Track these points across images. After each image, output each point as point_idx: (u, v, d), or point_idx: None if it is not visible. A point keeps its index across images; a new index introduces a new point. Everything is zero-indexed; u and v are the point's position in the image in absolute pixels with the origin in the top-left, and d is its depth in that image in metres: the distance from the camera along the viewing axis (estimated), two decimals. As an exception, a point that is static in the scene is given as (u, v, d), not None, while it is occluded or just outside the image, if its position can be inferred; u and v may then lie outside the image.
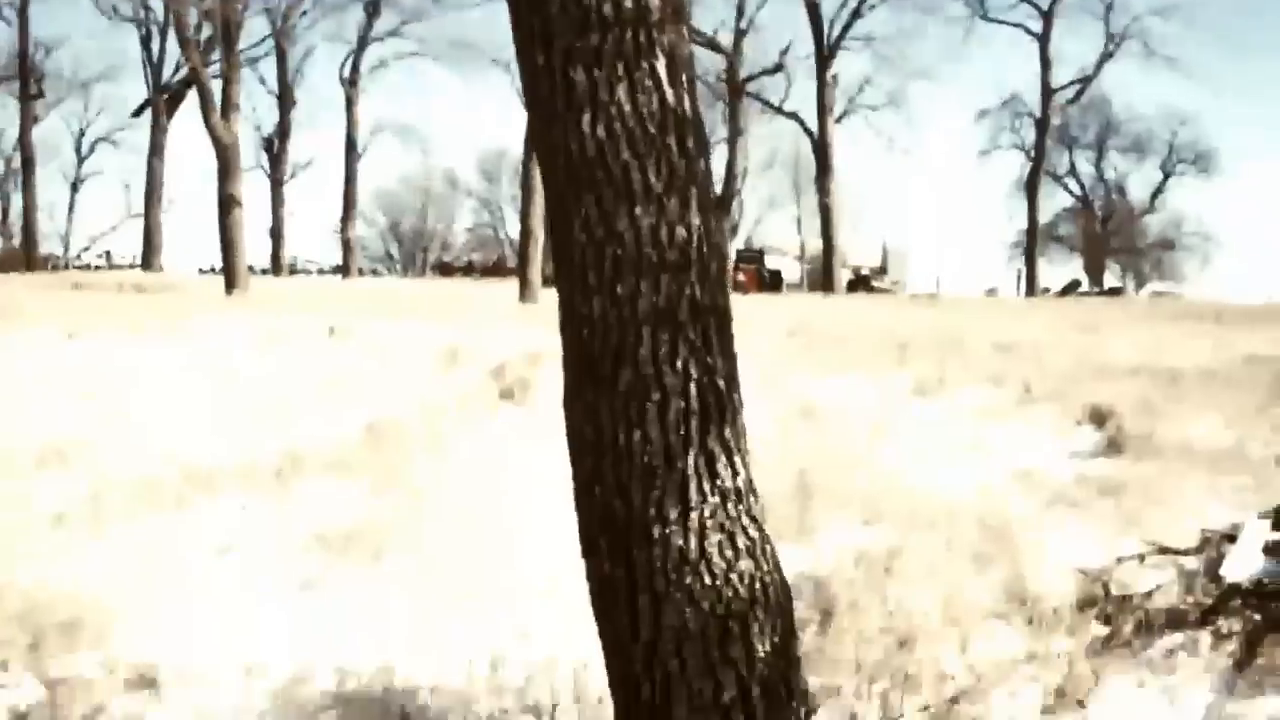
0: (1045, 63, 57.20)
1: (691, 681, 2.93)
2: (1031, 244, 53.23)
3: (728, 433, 2.99)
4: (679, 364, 2.92)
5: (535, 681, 6.45)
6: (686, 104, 3.12)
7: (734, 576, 2.93)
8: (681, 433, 2.91)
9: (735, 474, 2.99)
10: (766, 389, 13.19)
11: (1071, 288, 54.51)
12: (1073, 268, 66.47)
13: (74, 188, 65.47)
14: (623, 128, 2.99)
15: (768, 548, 3.04)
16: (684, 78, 3.13)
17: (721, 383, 2.99)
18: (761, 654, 2.97)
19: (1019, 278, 54.59)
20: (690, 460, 2.92)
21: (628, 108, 3.00)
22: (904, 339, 17.26)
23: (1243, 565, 7.42)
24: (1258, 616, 7.10)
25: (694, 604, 2.91)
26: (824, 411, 12.20)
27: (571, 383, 3.05)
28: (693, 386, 2.92)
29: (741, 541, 2.95)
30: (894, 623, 7.13)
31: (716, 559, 2.91)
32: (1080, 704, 6.38)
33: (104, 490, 9.00)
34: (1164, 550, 8.26)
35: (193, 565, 8.00)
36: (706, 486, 2.93)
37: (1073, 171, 67.91)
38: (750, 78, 57.93)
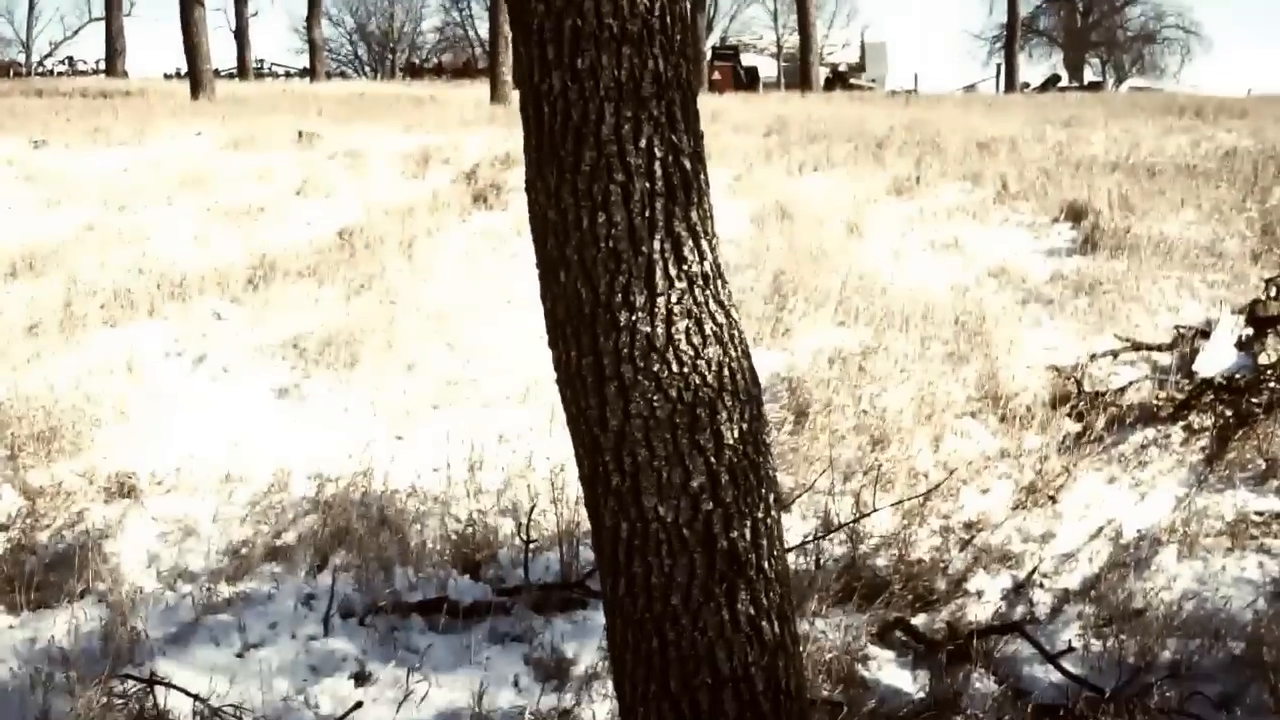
0: None
1: (660, 469, 2.92)
2: (1011, 38, 52.21)
3: (694, 215, 2.91)
4: (643, 142, 2.82)
5: (513, 484, 6.50)
6: None
7: (701, 363, 2.89)
8: (647, 215, 2.84)
9: (702, 258, 2.92)
10: (742, 189, 13.07)
11: (1051, 83, 53.80)
12: (1052, 63, 65.60)
13: (33, -9, 63.63)
14: None
15: (735, 334, 3.00)
16: None
17: (687, 162, 2.90)
18: (730, 440, 2.96)
19: (998, 73, 53.87)
20: (656, 244, 2.85)
21: None
22: (881, 137, 17.05)
23: (1216, 360, 7.46)
24: (1229, 411, 7.17)
25: (661, 391, 2.89)
26: (800, 212, 12.09)
27: (533, 165, 2.96)
28: (657, 166, 2.84)
29: (709, 327, 2.91)
30: (867, 421, 7.18)
31: (684, 345, 2.87)
32: (1052, 499, 6.47)
33: (77, 299, 8.92)
34: (1137, 346, 8.30)
35: (168, 374, 7.98)
36: (673, 271, 2.86)
37: (1056, -38, 66.54)
38: None
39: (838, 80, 48.55)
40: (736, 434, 2.96)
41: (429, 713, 4.57)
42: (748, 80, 49.36)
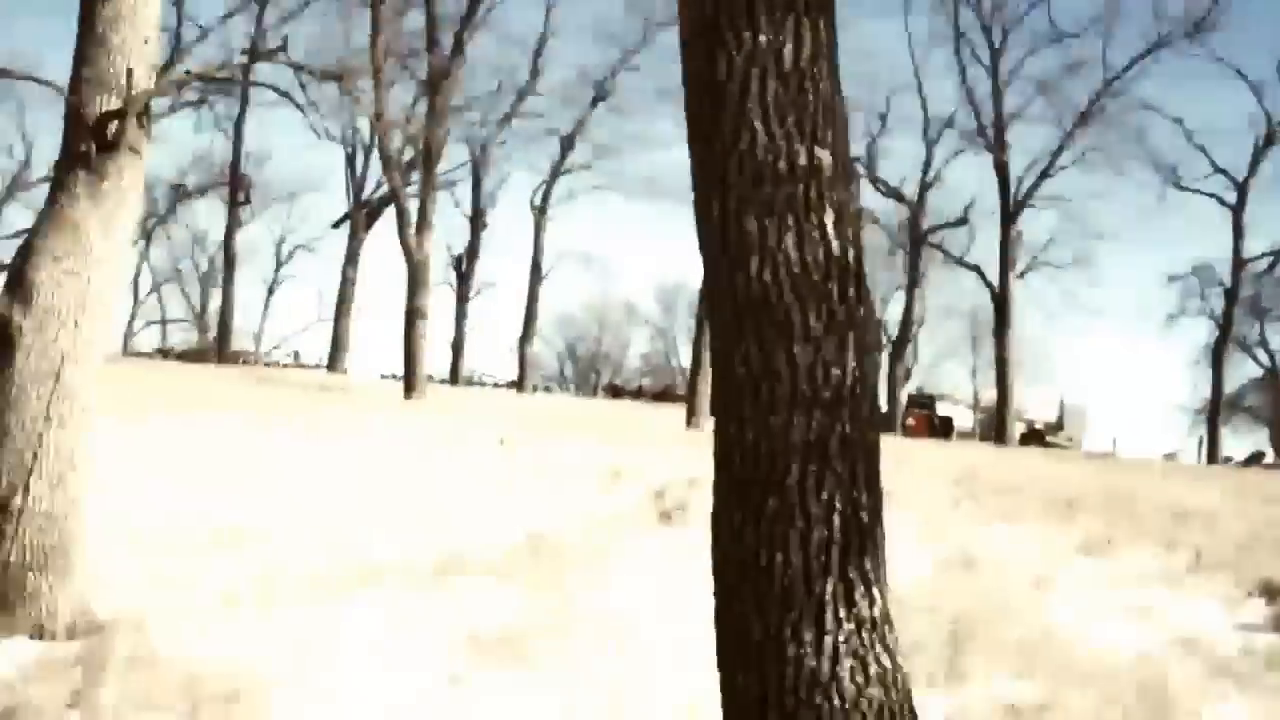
0: (1238, 232, 55.86)
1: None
2: (1215, 412, 51.80)
3: (868, 563, 3.10)
4: (824, 495, 3.05)
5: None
6: (850, 255, 3.31)
7: (863, 701, 3.01)
8: (822, 559, 3.03)
9: (872, 604, 3.09)
10: (927, 534, 13.07)
11: (1255, 459, 52.62)
12: (1258, 438, 64.12)
13: (270, 290, 69.10)
14: (787, 273, 3.18)
15: (899, 677, 3.11)
16: (850, 231, 3.33)
17: (865, 515, 3.11)
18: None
19: (1200, 444, 53.05)
20: (829, 586, 3.03)
21: (794, 255, 3.20)
22: (1074, 495, 16.93)
23: None
24: None
25: (821, 723, 3.00)
26: (986, 561, 12.02)
27: (720, 504, 3.21)
28: (836, 518, 3.05)
29: (874, 669, 3.04)
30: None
31: (847, 683, 3.00)
32: None
33: (272, 575, 9.35)
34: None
35: (349, 653, 8.24)
36: (843, 613, 3.03)
37: (1263, 343, 65.33)
38: (933, 229, 58.31)
39: (1033, 436, 48.37)
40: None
41: None
42: (942, 429, 49.60)
